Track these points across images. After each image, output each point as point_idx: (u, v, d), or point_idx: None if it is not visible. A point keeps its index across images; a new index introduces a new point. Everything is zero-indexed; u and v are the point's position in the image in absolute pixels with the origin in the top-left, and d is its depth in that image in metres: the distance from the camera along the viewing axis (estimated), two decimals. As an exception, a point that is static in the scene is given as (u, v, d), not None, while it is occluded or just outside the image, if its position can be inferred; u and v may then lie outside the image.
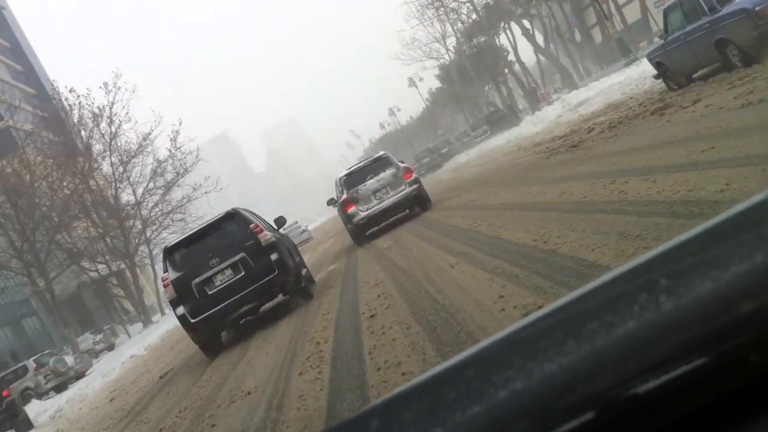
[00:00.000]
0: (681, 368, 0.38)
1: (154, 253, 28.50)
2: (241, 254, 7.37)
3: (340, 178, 11.57)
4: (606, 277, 0.42)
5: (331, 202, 12.39)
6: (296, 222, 40.32)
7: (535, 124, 17.89)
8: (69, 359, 20.90)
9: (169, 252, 7.75)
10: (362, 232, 11.25)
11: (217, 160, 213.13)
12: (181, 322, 7.59)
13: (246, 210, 8.68)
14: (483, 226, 5.91)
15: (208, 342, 7.70)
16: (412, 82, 51.87)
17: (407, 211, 11.71)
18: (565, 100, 17.23)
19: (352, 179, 11.16)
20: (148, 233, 29.50)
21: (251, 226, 7.63)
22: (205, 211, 23.76)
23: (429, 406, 0.40)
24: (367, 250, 10.24)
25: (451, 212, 8.86)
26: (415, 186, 10.94)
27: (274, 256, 7.40)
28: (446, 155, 36.07)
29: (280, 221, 9.24)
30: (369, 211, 10.72)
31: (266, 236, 7.55)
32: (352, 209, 10.81)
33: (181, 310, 7.34)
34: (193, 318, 7.27)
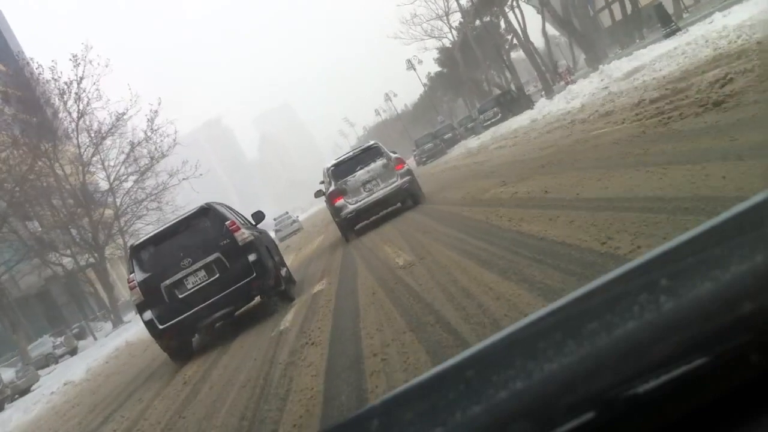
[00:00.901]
0: (681, 368, 0.49)
1: (129, 244, 31.48)
2: (216, 254, 8.63)
3: (328, 169, 13.74)
4: (606, 277, 0.54)
5: (318, 193, 14.61)
6: (287, 212, 49.01)
7: (568, 100, 19.59)
8: (9, 373, 22.43)
9: (135, 251, 8.91)
10: (351, 226, 13.33)
11: (209, 146, 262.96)
12: (148, 329, 8.74)
13: (221, 204, 9.72)
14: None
15: (177, 349, 8.93)
16: (410, 65, 59.02)
17: (399, 204, 13.68)
18: (605, 72, 19.46)
19: (341, 170, 13.42)
20: (121, 223, 32.78)
21: (227, 223, 8.81)
22: (191, 199, 26.41)
23: (429, 406, 0.51)
24: (366, 260, 9.27)
25: (512, 211, 7.16)
26: (407, 178, 13.09)
27: (251, 257, 8.63)
28: (450, 141, 42.13)
29: (259, 216, 10.64)
30: (358, 204, 13.01)
31: (243, 234, 8.75)
32: (339, 202, 13.12)
33: (148, 315, 8.57)
34: (162, 324, 8.51)
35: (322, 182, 14.35)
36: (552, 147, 11.79)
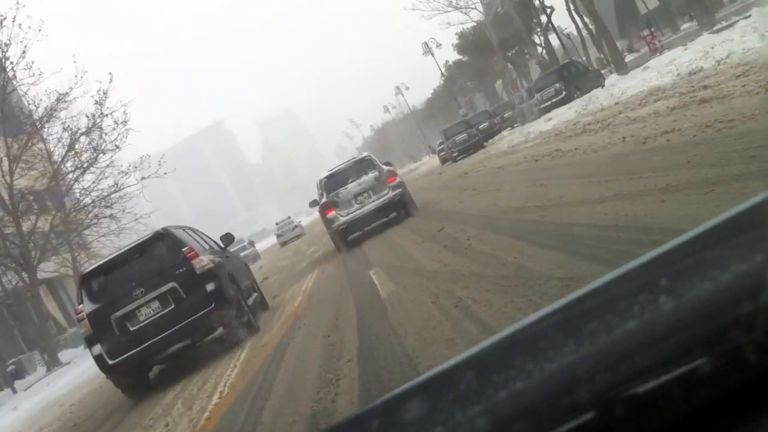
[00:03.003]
0: (681, 368, 0.53)
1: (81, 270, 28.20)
2: (171, 284, 8.58)
3: (321, 180, 14.71)
4: (606, 277, 0.58)
5: (313, 204, 15.67)
6: (289, 217, 50.62)
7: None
8: None
9: (85, 279, 8.88)
10: (343, 238, 14.36)
11: (211, 150, 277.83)
12: (97, 364, 8.68)
13: (182, 228, 9.68)
14: None
15: (130, 385, 8.89)
16: (427, 48, 56.71)
17: (394, 213, 14.58)
18: None
19: (333, 182, 14.44)
20: (66, 234, 28.41)
21: (184, 249, 8.79)
22: (159, 207, 24.83)
23: (429, 406, 0.54)
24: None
25: None
26: (398, 191, 14.05)
27: (210, 287, 8.61)
28: (487, 131, 36.55)
29: (228, 239, 10.75)
30: (349, 216, 14.00)
31: (202, 262, 8.73)
32: (331, 214, 14.11)
33: (97, 349, 8.52)
34: (112, 359, 8.45)
35: None
36: None
